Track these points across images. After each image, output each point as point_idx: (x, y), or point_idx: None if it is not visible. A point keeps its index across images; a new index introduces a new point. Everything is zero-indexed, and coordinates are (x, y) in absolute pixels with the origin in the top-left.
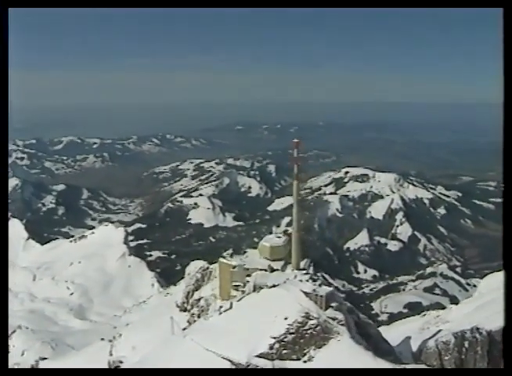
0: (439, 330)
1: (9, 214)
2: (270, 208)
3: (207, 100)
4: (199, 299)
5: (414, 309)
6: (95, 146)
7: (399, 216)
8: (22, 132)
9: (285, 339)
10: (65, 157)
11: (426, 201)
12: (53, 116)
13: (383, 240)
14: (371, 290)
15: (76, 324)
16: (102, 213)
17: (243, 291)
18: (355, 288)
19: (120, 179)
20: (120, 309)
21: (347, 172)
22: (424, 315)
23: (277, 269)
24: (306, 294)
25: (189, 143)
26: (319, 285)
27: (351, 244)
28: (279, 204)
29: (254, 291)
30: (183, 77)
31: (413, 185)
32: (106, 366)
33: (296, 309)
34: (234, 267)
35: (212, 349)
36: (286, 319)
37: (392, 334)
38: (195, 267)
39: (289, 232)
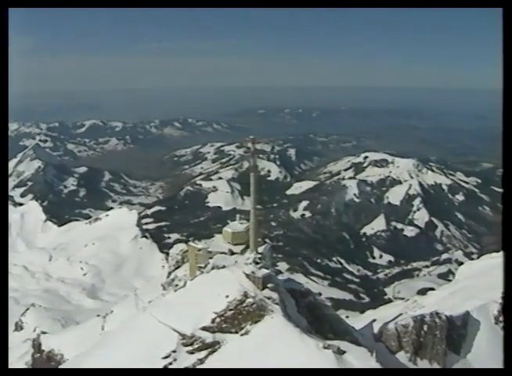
0: (399, 314)
1: (31, 196)
2: (288, 192)
3: (230, 85)
4: (173, 279)
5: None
6: (117, 129)
7: (417, 202)
8: (45, 115)
9: (225, 315)
10: (87, 140)
11: (444, 187)
12: (77, 100)
13: (399, 226)
14: (386, 275)
15: (88, 303)
16: (123, 195)
17: (202, 272)
18: (369, 273)
19: (141, 162)
20: (130, 289)
21: (366, 157)
22: (407, 300)
23: (236, 253)
24: (246, 275)
25: (210, 127)
26: (259, 268)
27: (368, 229)
28: (297, 187)
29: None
30: (207, 62)
31: (432, 171)
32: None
33: (236, 288)
34: (199, 250)
35: (164, 322)
36: (227, 297)
37: (373, 317)
38: (176, 249)
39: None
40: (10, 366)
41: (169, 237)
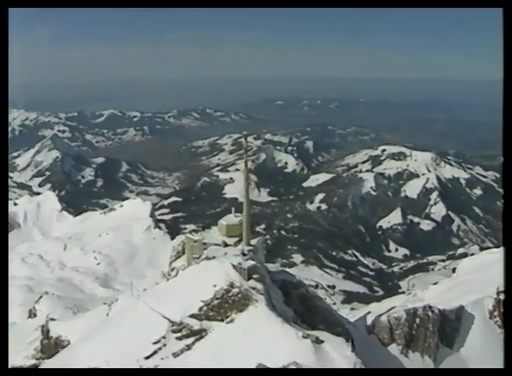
0: (392, 307)
1: (49, 186)
2: (305, 184)
3: (249, 75)
4: (173, 269)
5: None
6: (135, 119)
7: (434, 196)
8: (64, 105)
9: (212, 303)
10: (105, 130)
11: (462, 181)
12: (96, 89)
13: (416, 220)
14: (401, 269)
15: (100, 292)
16: (140, 186)
17: (197, 263)
18: (384, 266)
19: (158, 153)
20: (142, 279)
21: (384, 150)
22: (410, 293)
23: (230, 245)
24: (233, 266)
25: (228, 118)
26: (246, 259)
27: (384, 223)
28: (314, 180)
29: None
30: (226, 52)
31: (450, 164)
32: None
33: (223, 278)
34: (195, 242)
35: (156, 309)
36: (214, 286)
37: (377, 309)
38: (177, 241)
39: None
40: (21, 351)
41: (185, 228)
